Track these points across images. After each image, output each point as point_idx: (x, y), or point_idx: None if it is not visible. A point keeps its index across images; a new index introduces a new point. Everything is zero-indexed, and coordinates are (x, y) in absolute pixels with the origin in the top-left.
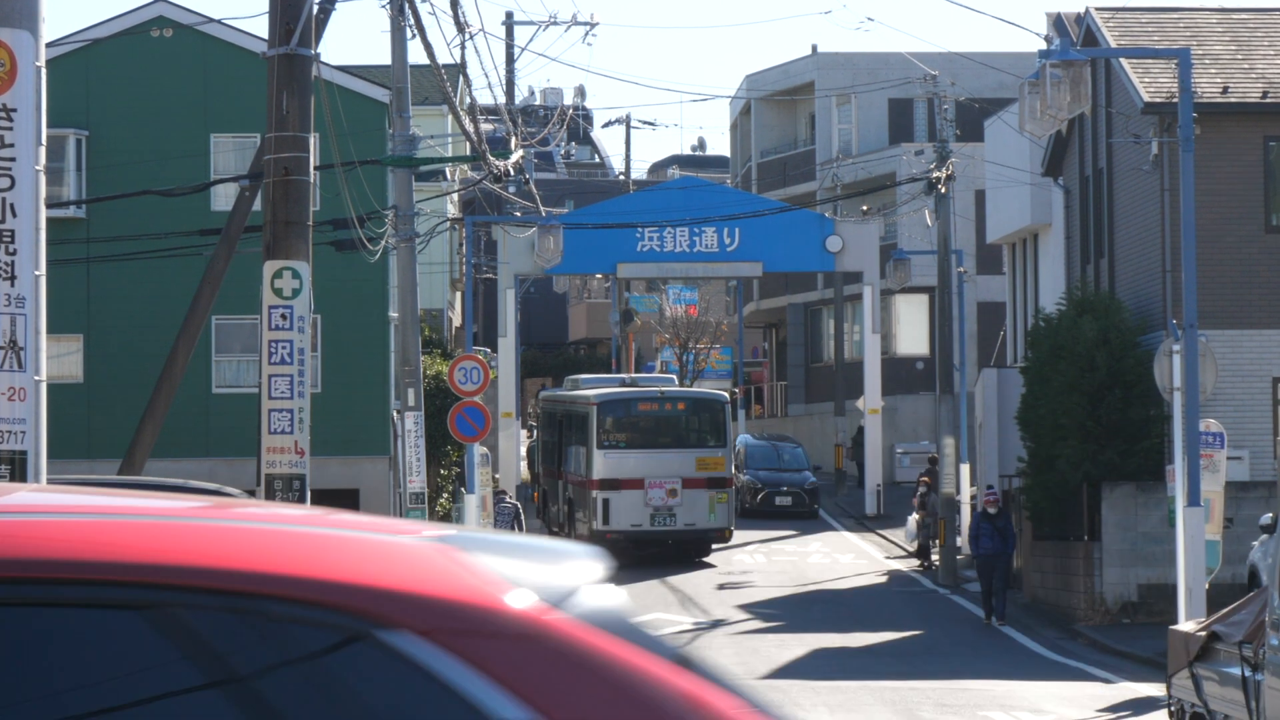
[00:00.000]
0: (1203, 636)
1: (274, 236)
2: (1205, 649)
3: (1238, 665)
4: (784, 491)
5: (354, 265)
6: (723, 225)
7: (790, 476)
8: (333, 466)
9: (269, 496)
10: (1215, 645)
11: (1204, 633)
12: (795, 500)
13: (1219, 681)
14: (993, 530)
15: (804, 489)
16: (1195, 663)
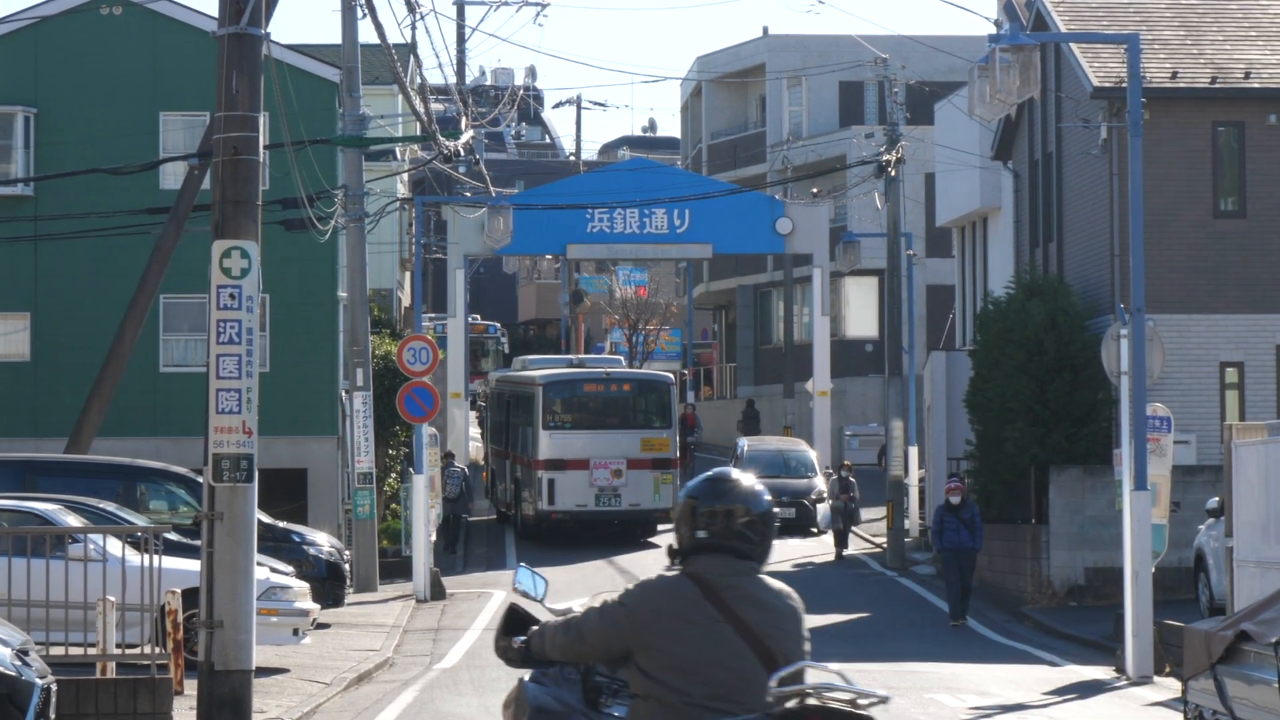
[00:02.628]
0: (1228, 636)
1: (223, 216)
2: (1231, 650)
3: (1273, 669)
4: (785, 502)
5: (303, 245)
6: (673, 207)
7: (793, 485)
8: (280, 446)
9: (217, 477)
10: (1244, 646)
11: (1229, 632)
12: (799, 512)
13: (1248, 685)
14: (957, 523)
15: (809, 499)
16: (1219, 665)
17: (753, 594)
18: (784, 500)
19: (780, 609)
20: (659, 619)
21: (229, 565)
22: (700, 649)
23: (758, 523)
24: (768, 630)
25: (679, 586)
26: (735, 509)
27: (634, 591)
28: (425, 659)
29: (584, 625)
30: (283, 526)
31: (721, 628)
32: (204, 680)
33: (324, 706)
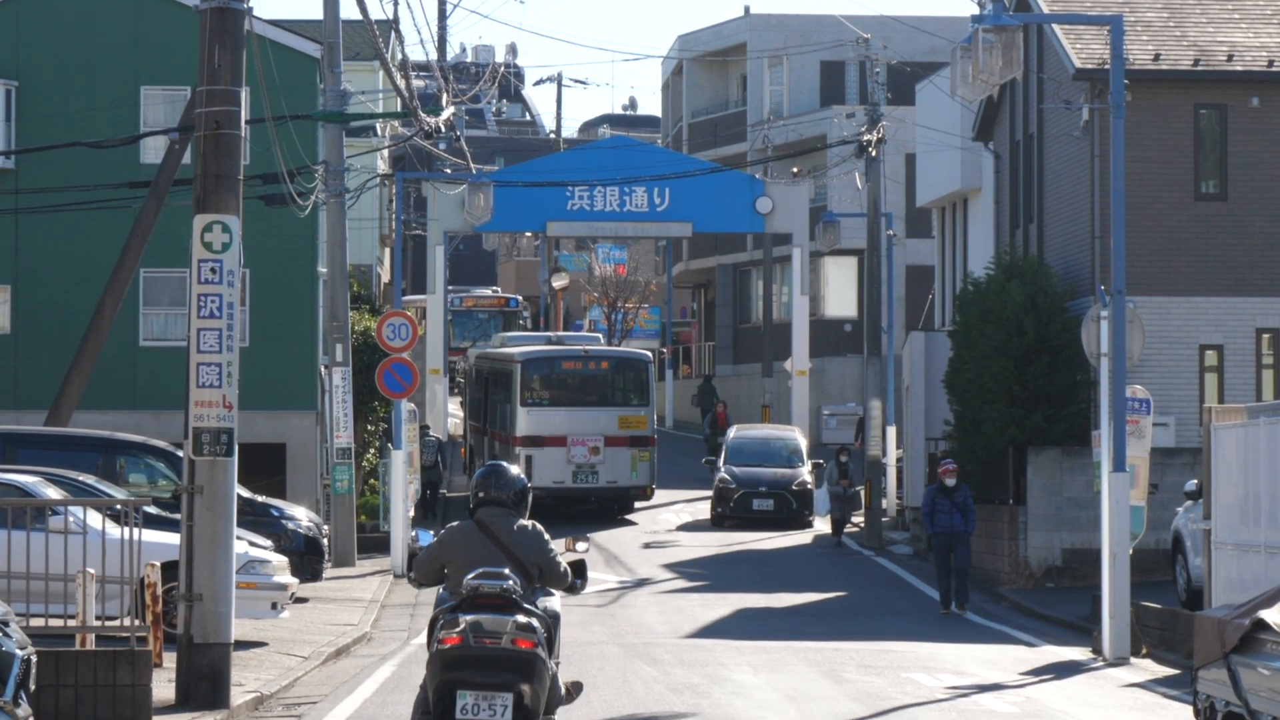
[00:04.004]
0: (1245, 625)
1: (204, 190)
2: (1247, 639)
3: None
4: (763, 493)
5: (283, 220)
6: (653, 185)
7: (774, 474)
8: (260, 421)
9: (197, 450)
10: (1262, 635)
11: (1245, 620)
12: (779, 504)
13: (1267, 676)
14: (950, 506)
15: (790, 489)
16: (1234, 654)
17: (508, 527)
18: (760, 490)
19: (526, 535)
20: (452, 542)
21: (208, 539)
22: (474, 555)
23: (512, 495)
24: (516, 545)
25: (465, 527)
26: (501, 486)
27: (442, 534)
28: (403, 634)
29: (420, 556)
30: (261, 501)
31: (484, 545)
32: (183, 653)
33: (302, 680)
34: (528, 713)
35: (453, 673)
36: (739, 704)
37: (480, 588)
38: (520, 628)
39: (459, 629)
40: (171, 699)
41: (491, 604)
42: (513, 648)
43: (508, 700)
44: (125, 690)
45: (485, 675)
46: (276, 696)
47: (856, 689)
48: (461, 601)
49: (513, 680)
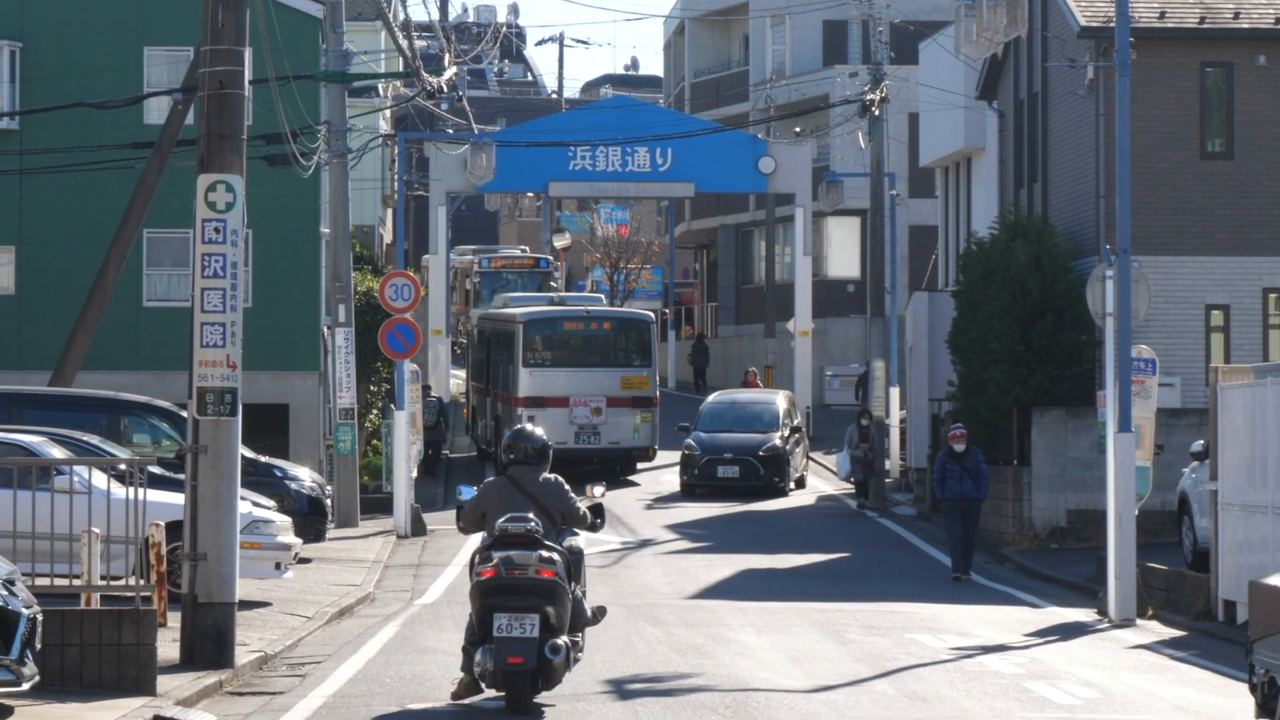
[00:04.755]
0: None
1: (208, 150)
2: None
3: None
4: (728, 459)
5: (286, 181)
6: (655, 145)
7: (740, 439)
8: (263, 381)
9: (201, 410)
10: None
11: None
12: (745, 470)
13: None
14: (961, 471)
15: (757, 455)
16: None
17: (534, 478)
18: (725, 457)
19: (549, 485)
20: (489, 494)
21: (212, 498)
22: (504, 504)
23: (535, 452)
24: (543, 497)
25: (499, 481)
26: (523, 446)
27: (480, 488)
28: (406, 594)
29: (465, 507)
30: (265, 461)
31: (515, 495)
32: (187, 612)
33: (306, 640)
34: (552, 630)
35: (489, 599)
36: (743, 664)
37: (508, 529)
38: (543, 561)
39: (493, 563)
40: (176, 658)
41: (518, 542)
42: (537, 577)
43: (535, 620)
44: (130, 649)
45: (515, 600)
46: (281, 656)
47: (860, 650)
48: (494, 541)
49: (538, 604)
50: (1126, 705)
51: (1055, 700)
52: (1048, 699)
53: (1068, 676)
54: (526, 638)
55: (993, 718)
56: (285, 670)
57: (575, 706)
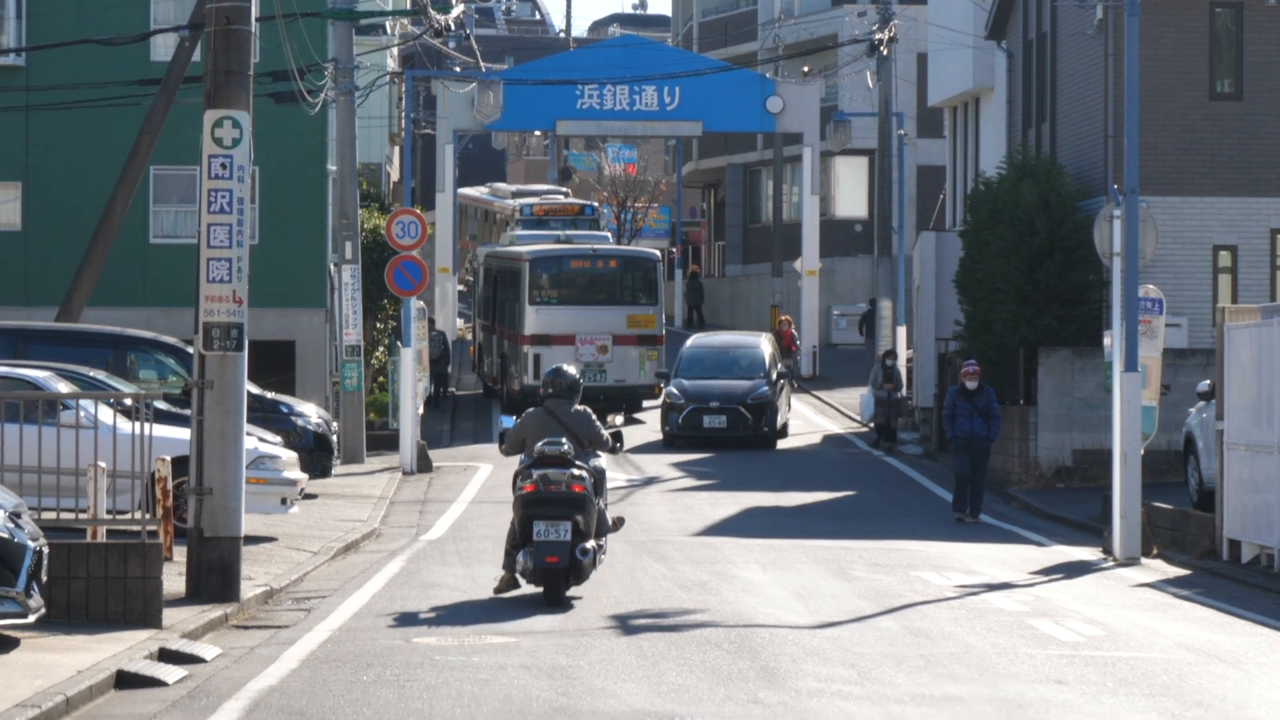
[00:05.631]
0: None
1: (215, 86)
2: None
3: None
4: (714, 408)
5: (293, 118)
6: (663, 84)
7: (726, 386)
8: (269, 318)
9: (207, 345)
10: None
11: None
12: (732, 420)
13: None
14: (971, 410)
15: (746, 404)
16: None
17: (567, 409)
18: (711, 405)
19: (579, 415)
20: (528, 423)
21: (219, 433)
22: (542, 431)
23: (568, 387)
24: (574, 425)
25: (538, 411)
26: (559, 382)
27: (522, 417)
28: (412, 530)
29: (508, 433)
30: (271, 397)
31: (551, 423)
32: (193, 546)
33: (311, 575)
34: (581, 534)
35: (530, 509)
36: (748, 601)
37: (546, 452)
38: (574, 478)
39: (533, 479)
40: (182, 591)
41: (554, 462)
42: (569, 491)
43: (567, 526)
44: (136, 582)
45: (551, 510)
46: (286, 590)
47: (865, 587)
48: (534, 461)
49: (570, 512)
50: (1130, 642)
51: (1059, 637)
52: (1052, 636)
53: (1072, 614)
54: (561, 541)
55: (997, 654)
56: (290, 604)
57: (580, 641)
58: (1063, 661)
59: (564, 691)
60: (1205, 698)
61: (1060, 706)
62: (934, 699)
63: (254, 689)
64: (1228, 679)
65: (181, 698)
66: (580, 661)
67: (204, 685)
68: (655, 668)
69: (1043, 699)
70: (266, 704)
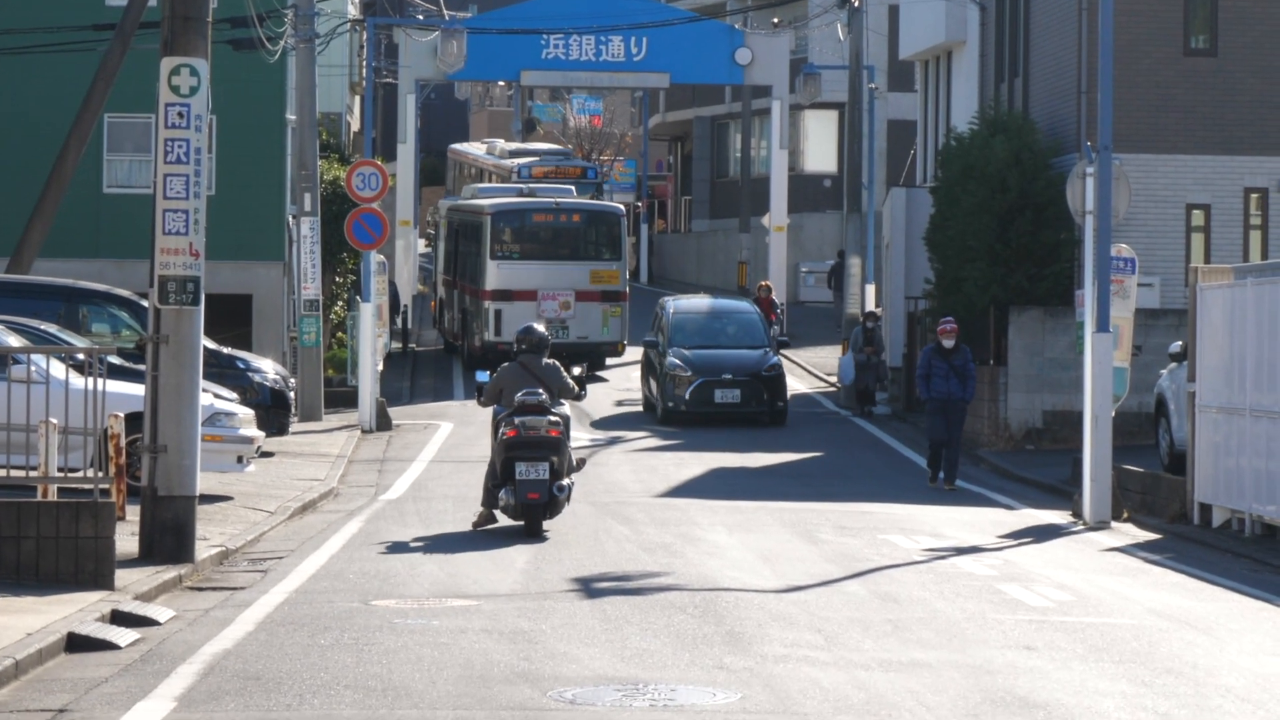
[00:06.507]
0: None
1: (172, 32)
2: None
3: None
4: (727, 381)
5: (251, 66)
6: (630, 34)
7: (738, 356)
8: (225, 271)
9: (162, 299)
10: None
11: None
12: (747, 394)
13: None
14: (947, 369)
15: (761, 376)
16: None
17: (539, 363)
18: (725, 379)
19: (549, 368)
20: (505, 376)
21: (174, 389)
22: (519, 383)
23: (538, 342)
24: (545, 377)
25: (512, 366)
26: (530, 338)
27: (498, 371)
28: (370, 490)
29: (485, 386)
30: (227, 353)
31: (526, 376)
32: (147, 505)
33: (268, 535)
34: (556, 473)
35: (512, 452)
36: (713, 564)
37: (526, 401)
38: (551, 424)
39: (515, 425)
40: (135, 552)
41: (533, 410)
42: (548, 435)
43: (546, 466)
44: (88, 542)
45: (532, 452)
46: (242, 551)
47: (832, 550)
48: (515, 409)
49: (547, 454)
50: (1100, 608)
51: (1028, 602)
52: (1020, 601)
53: (1041, 579)
54: (540, 479)
55: (965, 619)
56: (246, 565)
57: (542, 605)
58: (1032, 627)
59: (526, 656)
60: (1176, 664)
61: (1029, 673)
62: (901, 665)
63: (209, 652)
64: (1198, 645)
65: (134, 661)
66: (542, 625)
67: (157, 649)
68: (619, 632)
69: (1011, 665)
70: (221, 668)
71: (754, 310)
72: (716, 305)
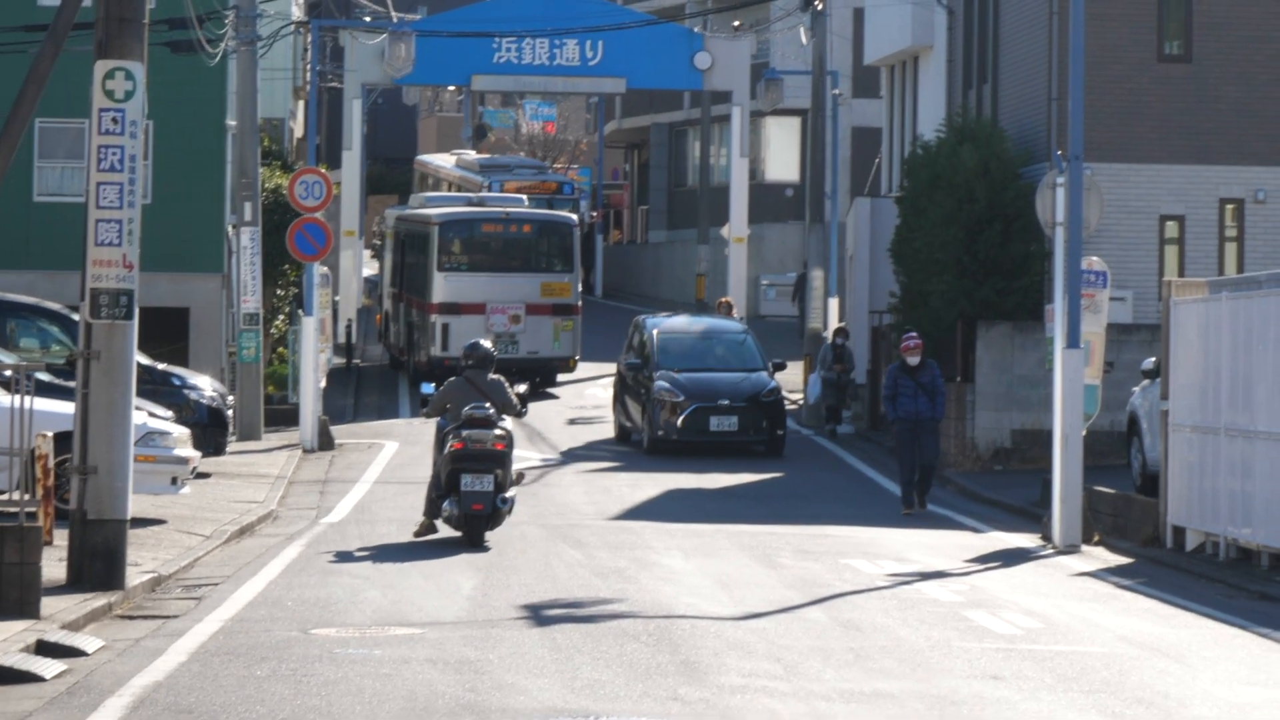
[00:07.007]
0: None
1: (107, 34)
2: None
3: None
4: (724, 408)
5: (190, 69)
6: (585, 37)
7: (733, 381)
8: (161, 284)
9: (94, 313)
10: None
11: None
12: (745, 421)
13: None
14: (915, 388)
15: (760, 401)
16: None
17: (484, 378)
18: (721, 405)
19: (493, 383)
20: (450, 390)
21: (105, 408)
22: (464, 397)
23: (482, 358)
24: (490, 392)
25: (458, 380)
26: (475, 354)
27: (443, 385)
28: (311, 513)
29: (431, 398)
30: (162, 369)
31: (471, 391)
32: (76, 530)
33: (203, 560)
34: (500, 486)
35: (458, 464)
36: (668, 590)
37: (473, 414)
38: (497, 437)
39: (462, 438)
40: (63, 578)
41: (479, 424)
42: (493, 449)
43: (490, 479)
44: (13, 569)
45: (477, 464)
46: (175, 577)
47: (792, 575)
48: (462, 422)
49: (492, 466)
50: (1069, 635)
51: (995, 630)
52: (987, 628)
53: (1009, 605)
54: (485, 491)
55: (930, 648)
56: (180, 592)
57: (489, 633)
58: (999, 655)
59: (471, 687)
60: (1147, 694)
61: (996, 703)
62: (863, 695)
63: (139, 684)
64: (1171, 674)
65: (60, 694)
66: (489, 655)
67: (85, 680)
68: (569, 661)
69: (978, 695)
70: (152, 701)
71: (744, 330)
72: (705, 324)
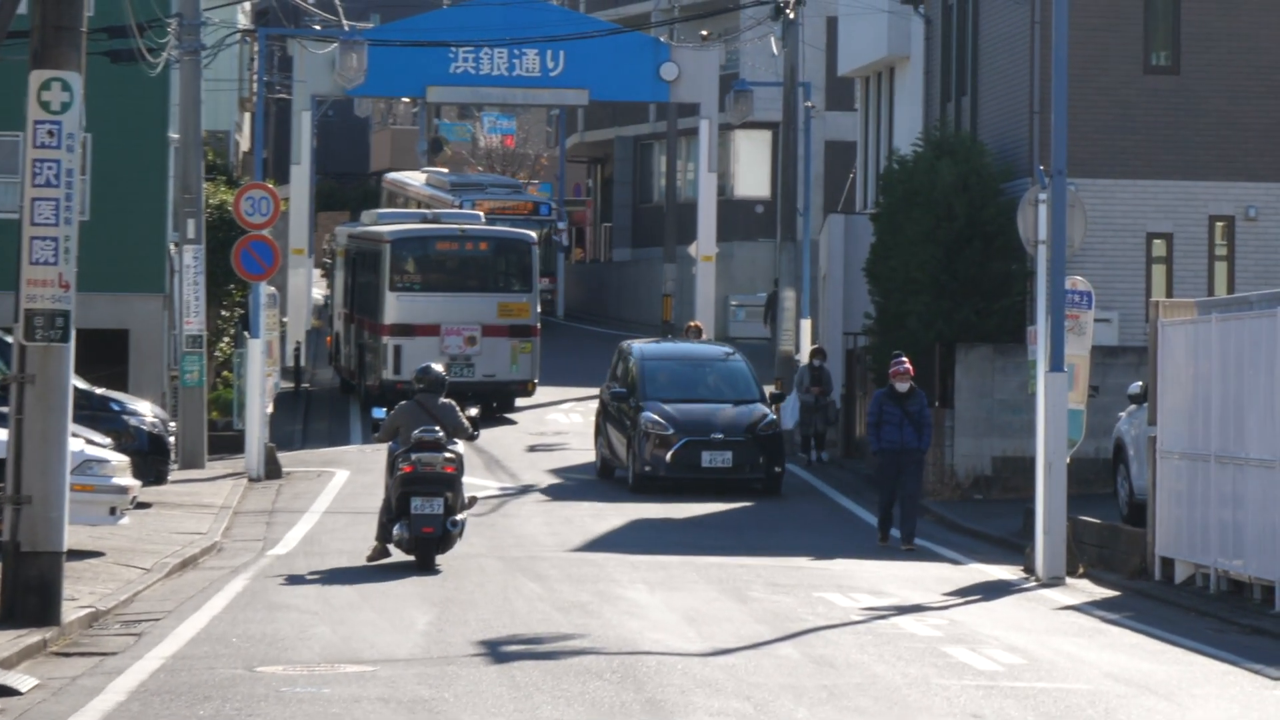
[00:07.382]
0: None
1: (42, 43)
2: None
3: None
4: (717, 442)
5: (131, 80)
6: (546, 47)
7: (727, 413)
8: (100, 304)
9: (29, 335)
10: None
11: None
12: (739, 458)
13: None
14: (901, 416)
15: (758, 435)
16: None
17: (435, 403)
18: (715, 439)
19: (444, 407)
20: (401, 414)
21: (40, 435)
22: (415, 421)
23: (435, 382)
24: (441, 415)
25: (409, 404)
26: (427, 378)
27: (394, 409)
28: (258, 544)
29: (383, 422)
30: (100, 393)
31: (422, 414)
32: (8, 562)
33: (143, 594)
34: (450, 509)
35: (408, 487)
36: (632, 625)
37: (423, 438)
38: (447, 460)
39: (411, 461)
40: None
41: (429, 447)
42: (443, 472)
43: (440, 502)
44: None
45: (427, 488)
46: (114, 612)
47: (763, 609)
48: (412, 445)
49: (442, 490)
50: (1053, 672)
51: (975, 666)
52: (967, 665)
53: (990, 640)
54: (435, 514)
55: (907, 685)
56: (119, 628)
57: (444, 671)
58: (979, 693)
59: None
60: None
61: None
62: None
63: None
64: (1159, 712)
65: None
66: (445, 693)
67: None
68: (528, 700)
69: None
70: None
71: (739, 357)
72: (694, 351)
